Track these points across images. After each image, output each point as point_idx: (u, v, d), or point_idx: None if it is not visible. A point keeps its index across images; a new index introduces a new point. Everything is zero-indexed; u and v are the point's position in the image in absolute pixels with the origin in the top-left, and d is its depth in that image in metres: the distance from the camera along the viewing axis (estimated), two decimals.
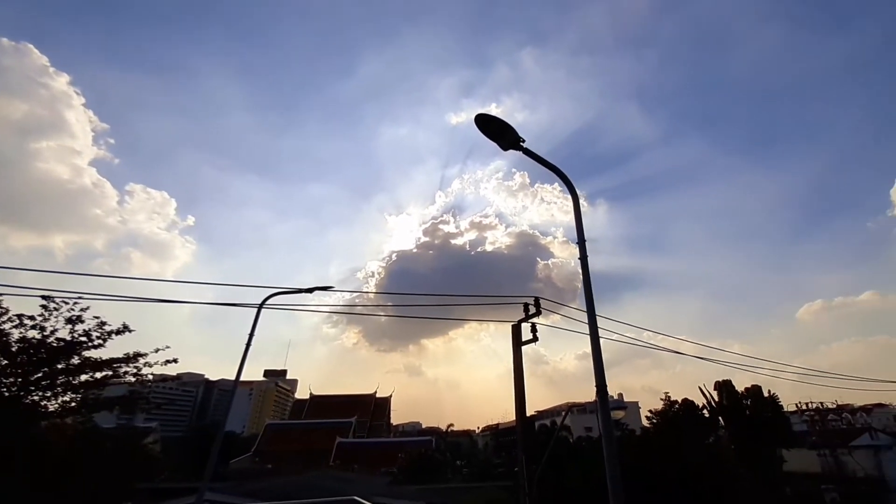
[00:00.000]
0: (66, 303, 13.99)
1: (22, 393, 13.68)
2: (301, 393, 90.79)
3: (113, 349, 15.57)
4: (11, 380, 13.51)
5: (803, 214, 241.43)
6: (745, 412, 27.67)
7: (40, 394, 14.00)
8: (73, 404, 14.69)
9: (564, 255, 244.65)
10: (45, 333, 13.64)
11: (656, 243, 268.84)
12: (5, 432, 12.24)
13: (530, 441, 16.93)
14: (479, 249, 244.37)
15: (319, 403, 50.94)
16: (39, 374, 13.95)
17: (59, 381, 14.18)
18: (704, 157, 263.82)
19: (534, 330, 12.09)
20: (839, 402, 36.54)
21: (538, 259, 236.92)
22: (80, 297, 13.99)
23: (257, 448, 40.30)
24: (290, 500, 11.04)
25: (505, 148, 5.34)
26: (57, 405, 14.48)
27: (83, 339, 13.94)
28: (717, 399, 28.91)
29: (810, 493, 23.92)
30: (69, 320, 13.80)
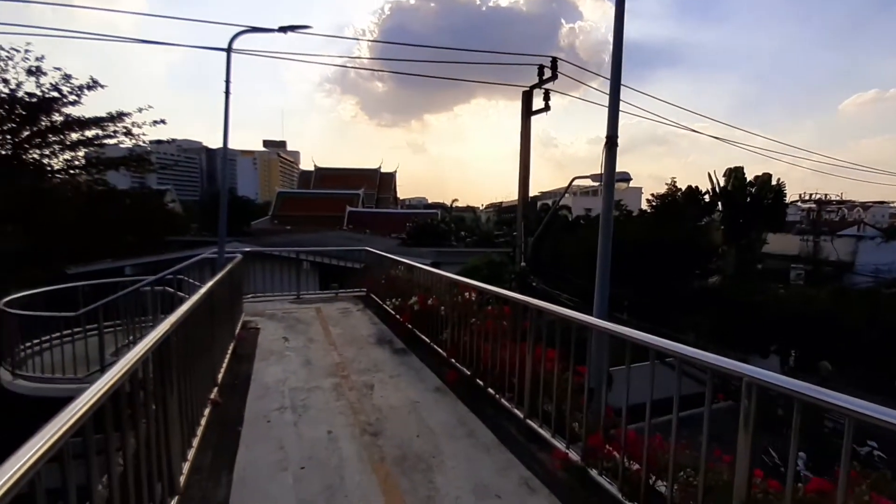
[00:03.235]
0: (17, 50, 12.50)
1: (18, 152, 13.66)
2: (305, 165, 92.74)
3: (93, 108, 14.84)
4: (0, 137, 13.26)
5: None
6: (745, 199, 28.14)
7: (38, 152, 14.01)
8: (77, 162, 14.88)
9: (595, 16, 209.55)
10: (10, 88, 12.67)
11: (709, 7, 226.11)
12: (12, 186, 12.63)
13: (530, 213, 17.59)
14: (490, 4, 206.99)
15: (325, 176, 52.03)
16: (28, 133, 13.66)
17: (51, 140, 13.97)
18: None
19: (546, 98, 10.86)
20: (844, 197, 36.72)
21: (563, 21, 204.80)
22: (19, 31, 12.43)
23: (273, 213, 43.35)
24: (308, 247, 13.27)
25: None
26: (60, 164, 14.66)
27: (55, 93, 13.04)
28: (722, 185, 29.03)
29: (779, 269, 26.27)
30: (29, 71, 12.59)
